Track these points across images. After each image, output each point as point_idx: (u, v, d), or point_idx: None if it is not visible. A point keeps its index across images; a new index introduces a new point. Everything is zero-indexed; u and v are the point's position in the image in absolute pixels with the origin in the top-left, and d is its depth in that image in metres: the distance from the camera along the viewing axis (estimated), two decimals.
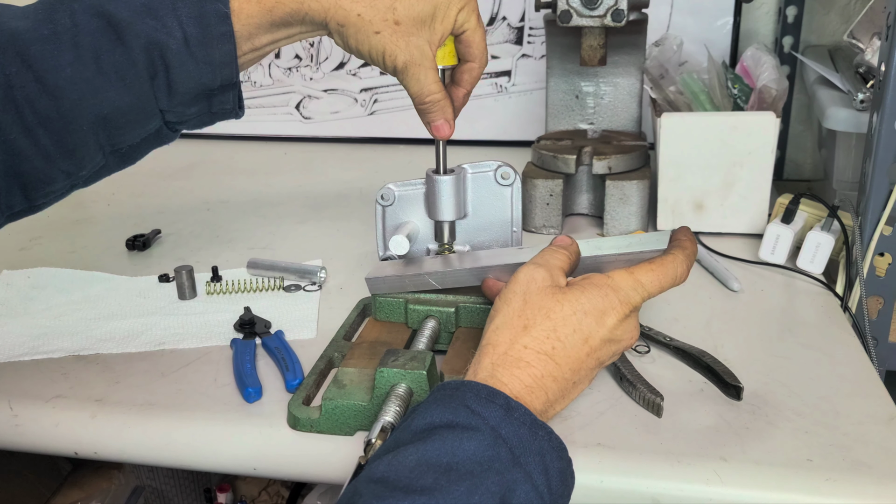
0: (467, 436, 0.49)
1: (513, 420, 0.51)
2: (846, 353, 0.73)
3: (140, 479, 1.21)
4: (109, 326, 0.81)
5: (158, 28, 0.61)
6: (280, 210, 1.14)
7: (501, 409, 0.51)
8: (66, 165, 0.64)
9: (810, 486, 0.56)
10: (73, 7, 0.62)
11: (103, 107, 0.62)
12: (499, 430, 0.50)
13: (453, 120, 0.72)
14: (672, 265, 0.62)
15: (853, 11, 1.27)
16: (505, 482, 0.48)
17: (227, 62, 0.64)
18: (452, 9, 0.68)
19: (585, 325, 0.58)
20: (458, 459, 0.48)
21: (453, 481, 0.47)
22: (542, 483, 0.49)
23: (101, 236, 1.06)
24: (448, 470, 0.48)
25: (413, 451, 0.49)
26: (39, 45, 0.60)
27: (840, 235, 0.87)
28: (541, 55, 1.37)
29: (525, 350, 0.56)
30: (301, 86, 1.49)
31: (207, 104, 0.66)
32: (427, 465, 0.48)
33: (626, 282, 0.60)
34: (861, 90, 0.92)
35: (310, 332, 0.79)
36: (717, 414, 0.64)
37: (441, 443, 0.49)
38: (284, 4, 0.64)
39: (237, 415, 0.66)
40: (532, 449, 0.50)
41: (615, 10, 0.96)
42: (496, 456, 0.49)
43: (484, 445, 0.49)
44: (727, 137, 0.94)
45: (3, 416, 0.68)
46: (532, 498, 0.48)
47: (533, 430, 0.51)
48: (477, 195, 0.77)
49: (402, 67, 0.68)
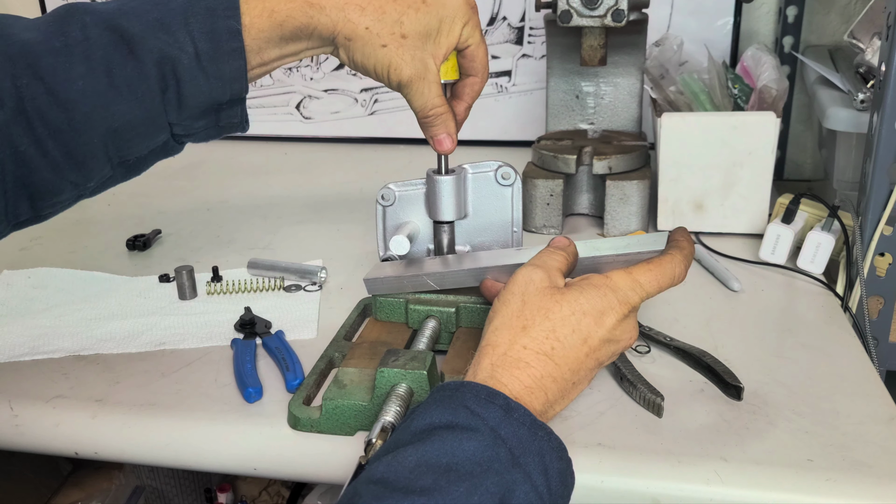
0: (467, 436, 0.49)
1: (512, 420, 0.51)
2: (846, 353, 0.73)
3: (140, 479, 1.21)
4: (110, 326, 0.81)
5: (170, 43, 0.62)
6: (280, 210, 1.14)
7: (501, 409, 0.51)
8: (74, 176, 0.64)
9: (810, 486, 0.56)
10: (85, 20, 0.62)
11: (114, 120, 0.62)
12: (498, 431, 0.50)
13: (455, 133, 0.73)
14: (670, 265, 0.62)
15: (853, 11, 1.27)
16: (504, 482, 0.48)
17: (237, 77, 0.64)
18: (458, 23, 0.68)
19: (584, 326, 0.58)
20: (457, 460, 0.48)
21: (452, 482, 0.47)
22: (541, 483, 0.49)
23: (101, 236, 1.06)
24: (447, 470, 0.48)
25: (412, 452, 0.49)
26: (51, 57, 0.61)
27: (840, 235, 0.87)
28: (541, 55, 1.37)
29: (524, 350, 0.56)
30: (301, 86, 1.49)
31: (215, 118, 0.67)
32: (426, 466, 0.48)
33: (625, 282, 0.60)
34: (861, 90, 0.92)
35: (310, 332, 0.79)
36: (717, 414, 0.64)
37: (440, 443, 0.49)
38: (295, 18, 0.65)
39: (237, 415, 0.66)
40: (531, 449, 0.50)
41: (615, 10, 0.96)
42: (495, 456, 0.49)
43: (483, 446, 0.49)
44: (727, 137, 0.94)
45: (3, 416, 0.68)
46: (532, 498, 0.48)
47: (532, 431, 0.51)
48: (477, 195, 0.77)
49: (406, 81, 0.68)
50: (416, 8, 0.67)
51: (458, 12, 0.68)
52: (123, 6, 0.63)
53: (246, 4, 0.64)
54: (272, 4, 0.65)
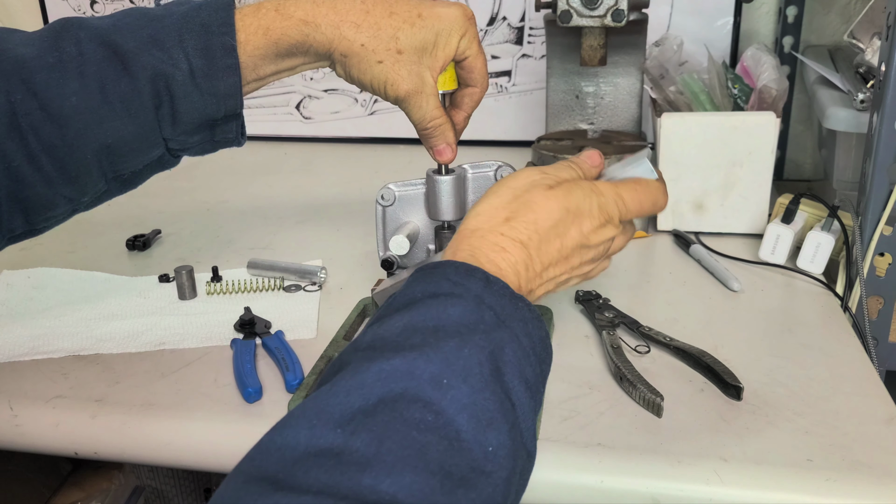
0: (451, 302, 0.50)
1: (493, 291, 0.51)
2: (846, 353, 0.73)
3: (140, 479, 1.21)
4: (109, 326, 0.81)
5: (164, 59, 0.62)
6: (280, 210, 1.14)
7: (481, 281, 0.52)
8: (68, 191, 0.64)
9: (810, 486, 0.56)
10: (80, 35, 0.62)
11: (107, 136, 0.63)
12: (482, 298, 0.50)
13: (455, 143, 0.73)
14: (656, 189, 0.62)
15: (853, 11, 1.27)
16: (493, 340, 0.48)
17: (231, 94, 0.64)
18: (454, 36, 0.68)
19: (564, 223, 0.58)
20: (444, 322, 0.48)
21: (441, 339, 0.47)
22: (527, 345, 0.50)
23: (101, 236, 1.06)
24: (435, 331, 0.48)
25: (398, 319, 0.49)
26: (45, 72, 0.61)
27: (840, 235, 0.87)
28: (541, 55, 1.37)
29: (502, 237, 0.56)
30: (301, 86, 1.49)
31: (210, 133, 0.67)
32: (413, 329, 0.48)
33: (609, 192, 0.60)
34: (861, 90, 0.92)
35: (310, 333, 0.79)
36: (717, 414, 0.64)
37: (426, 309, 0.49)
38: (290, 36, 0.65)
39: (237, 415, 0.66)
40: (514, 316, 0.51)
41: (615, 10, 0.97)
42: (481, 319, 0.49)
43: (469, 310, 0.49)
44: (727, 137, 0.94)
45: (3, 416, 0.68)
46: (520, 356, 0.49)
47: (513, 301, 0.52)
48: (477, 195, 0.77)
49: (404, 96, 0.69)
50: (412, 23, 0.67)
51: (455, 25, 0.68)
52: (118, 22, 0.64)
53: (241, 21, 0.64)
54: (267, 22, 0.65)
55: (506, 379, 0.47)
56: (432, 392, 0.44)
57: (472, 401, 0.44)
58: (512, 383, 0.47)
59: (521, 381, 0.48)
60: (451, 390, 0.44)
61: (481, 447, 0.43)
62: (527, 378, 0.48)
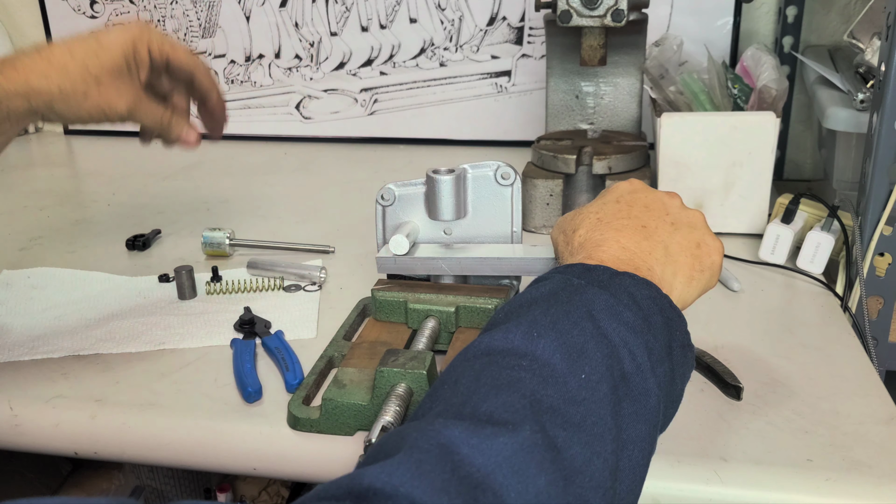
0: (543, 283, 0.54)
1: (590, 272, 0.54)
2: (846, 353, 0.73)
3: (140, 479, 1.21)
4: (109, 326, 0.81)
5: None
6: (280, 210, 1.14)
7: (579, 268, 0.54)
8: None
9: (810, 486, 0.56)
10: None
11: None
12: (573, 273, 0.54)
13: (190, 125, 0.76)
14: None
15: (853, 11, 1.27)
16: (583, 296, 0.51)
17: None
18: (141, 51, 0.71)
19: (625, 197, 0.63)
20: (535, 297, 0.53)
21: (531, 308, 0.51)
22: (626, 300, 0.51)
23: (101, 236, 1.06)
24: (529, 304, 0.52)
25: (503, 307, 0.54)
26: None
27: (840, 235, 0.87)
28: (541, 55, 1.37)
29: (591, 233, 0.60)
30: (301, 86, 1.49)
31: None
32: (509, 310, 0.52)
33: None
34: (861, 90, 0.92)
35: (310, 332, 0.79)
36: (717, 414, 0.64)
37: (522, 294, 0.54)
38: None
39: (237, 415, 0.66)
40: (611, 282, 0.52)
41: (615, 10, 0.97)
42: (569, 283, 0.53)
43: (557, 282, 0.53)
44: (727, 137, 0.94)
45: (3, 416, 0.68)
46: (612, 303, 0.50)
47: (613, 278, 0.53)
48: (477, 195, 0.77)
49: (127, 114, 0.70)
50: (95, 53, 0.68)
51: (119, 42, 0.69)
52: None
53: None
54: None
55: (597, 317, 0.49)
56: (523, 344, 0.47)
57: (563, 341, 0.47)
58: (604, 322, 0.49)
59: (620, 323, 0.49)
60: (541, 340, 0.48)
61: (575, 376, 0.46)
62: (627, 321, 0.50)
